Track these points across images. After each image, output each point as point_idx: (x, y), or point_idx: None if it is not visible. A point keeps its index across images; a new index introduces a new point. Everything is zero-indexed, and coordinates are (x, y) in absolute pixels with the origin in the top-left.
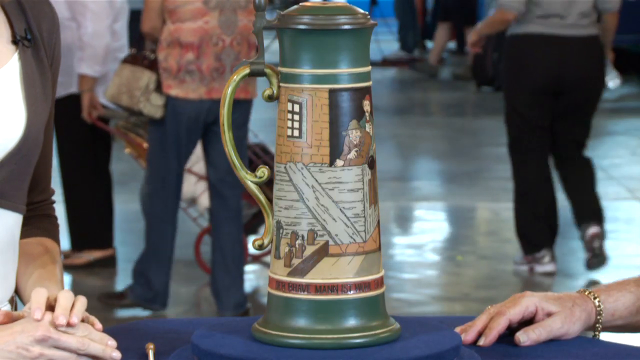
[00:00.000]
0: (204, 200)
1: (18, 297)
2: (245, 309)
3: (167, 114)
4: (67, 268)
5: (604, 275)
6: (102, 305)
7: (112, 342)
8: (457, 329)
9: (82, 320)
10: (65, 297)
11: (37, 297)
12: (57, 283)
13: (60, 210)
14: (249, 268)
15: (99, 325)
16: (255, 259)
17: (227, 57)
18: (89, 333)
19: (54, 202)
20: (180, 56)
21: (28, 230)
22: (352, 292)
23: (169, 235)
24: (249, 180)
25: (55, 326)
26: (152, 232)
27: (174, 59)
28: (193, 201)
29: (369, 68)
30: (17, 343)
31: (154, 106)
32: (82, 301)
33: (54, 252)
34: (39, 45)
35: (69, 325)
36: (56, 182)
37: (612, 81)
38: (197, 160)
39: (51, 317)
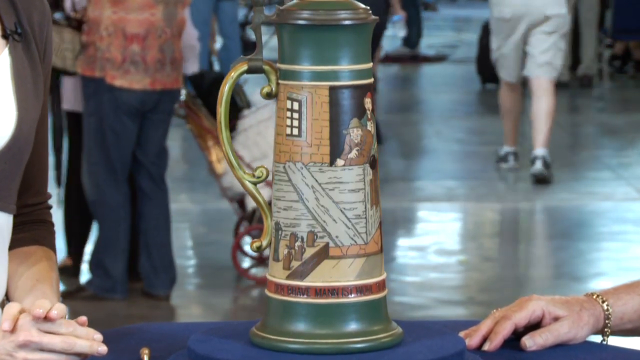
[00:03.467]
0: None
1: (7, 298)
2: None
3: (107, 104)
4: None
5: (613, 278)
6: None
7: (98, 336)
8: (462, 334)
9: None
10: (42, 302)
11: (9, 310)
12: (51, 285)
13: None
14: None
15: (83, 319)
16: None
17: (168, 49)
18: (73, 329)
19: (50, 206)
20: (124, 47)
21: (22, 237)
22: (353, 295)
23: (122, 222)
24: (247, 180)
25: (35, 318)
26: (104, 221)
27: (118, 49)
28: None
29: (370, 65)
30: (0, 349)
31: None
32: (60, 305)
33: (49, 254)
34: (29, 39)
35: (47, 318)
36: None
37: (401, 31)
38: (253, 160)
39: (31, 320)
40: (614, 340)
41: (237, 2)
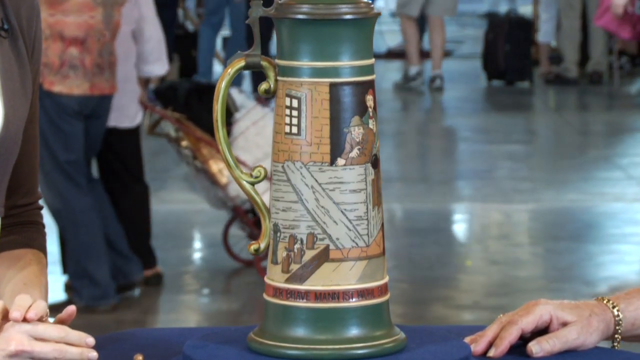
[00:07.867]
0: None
1: None
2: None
3: (49, 109)
4: None
5: (625, 282)
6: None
7: (90, 340)
8: (467, 339)
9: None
10: (22, 298)
11: None
12: (39, 289)
13: None
14: (246, 273)
15: (71, 308)
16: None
17: (105, 53)
18: (65, 335)
19: (41, 207)
20: (62, 51)
21: (12, 240)
22: (354, 299)
23: (95, 225)
24: (244, 180)
25: (13, 320)
26: (77, 227)
27: (55, 53)
28: None
29: (372, 61)
30: None
31: None
32: (40, 302)
33: (39, 256)
34: (17, 35)
35: (25, 320)
36: None
37: None
38: (255, 162)
39: (22, 328)
40: (625, 347)
41: None
